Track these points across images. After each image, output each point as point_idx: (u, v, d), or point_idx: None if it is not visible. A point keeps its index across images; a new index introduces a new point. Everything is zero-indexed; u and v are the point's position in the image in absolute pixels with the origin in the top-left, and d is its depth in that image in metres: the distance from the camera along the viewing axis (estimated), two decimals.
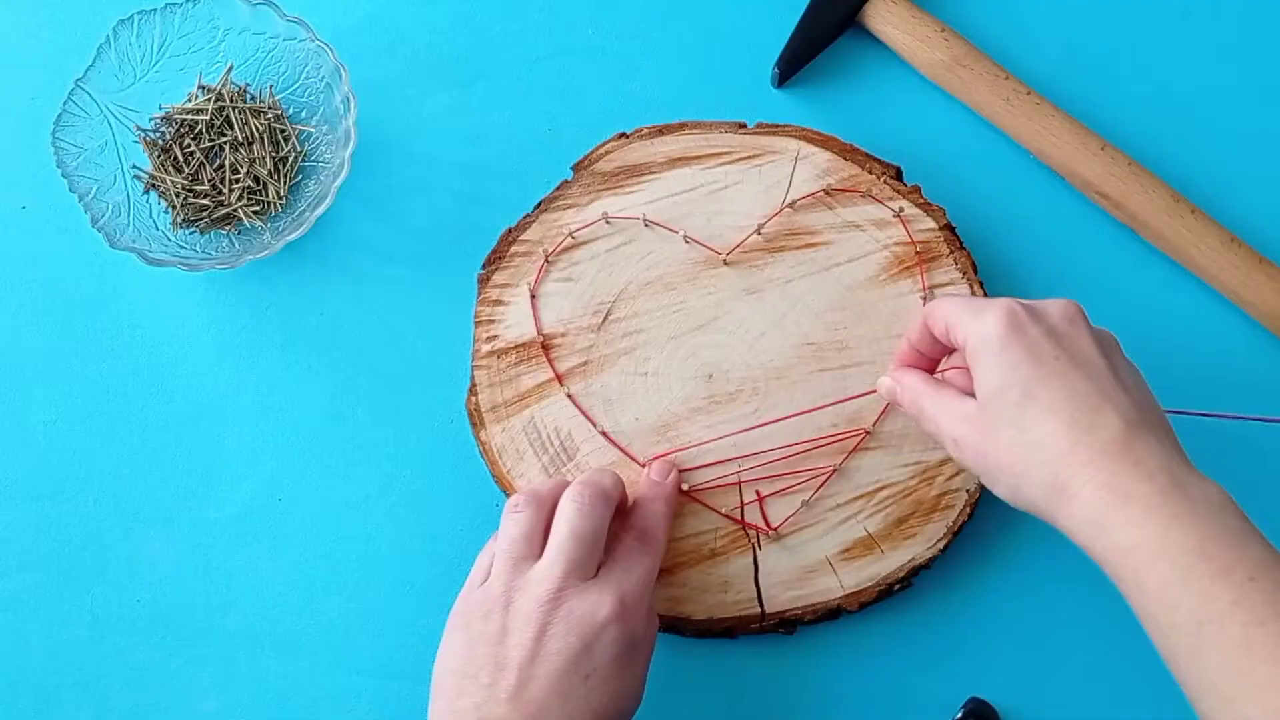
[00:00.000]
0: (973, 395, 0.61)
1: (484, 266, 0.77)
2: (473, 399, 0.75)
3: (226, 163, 0.79)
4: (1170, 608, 0.53)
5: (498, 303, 0.76)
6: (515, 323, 0.76)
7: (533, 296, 0.76)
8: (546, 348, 0.76)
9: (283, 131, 0.80)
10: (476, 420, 0.75)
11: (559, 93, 0.83)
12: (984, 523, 0.75)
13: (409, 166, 0.82)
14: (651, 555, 0.67)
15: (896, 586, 0.73)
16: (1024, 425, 0.58)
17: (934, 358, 0.69)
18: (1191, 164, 0.80)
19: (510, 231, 0.77)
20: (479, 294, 0.77)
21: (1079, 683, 0.74)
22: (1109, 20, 0.83)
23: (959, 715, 0.73)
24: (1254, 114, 0.81)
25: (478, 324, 0.76)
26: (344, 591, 0.77)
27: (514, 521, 0.66)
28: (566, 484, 0.68)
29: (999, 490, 0.61)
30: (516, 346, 0.76)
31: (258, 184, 0.79)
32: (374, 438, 0.78)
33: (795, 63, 0.81)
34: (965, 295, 0.74)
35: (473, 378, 0.76)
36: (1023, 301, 0.62)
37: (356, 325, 0.80)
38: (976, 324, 0.61)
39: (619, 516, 0.69)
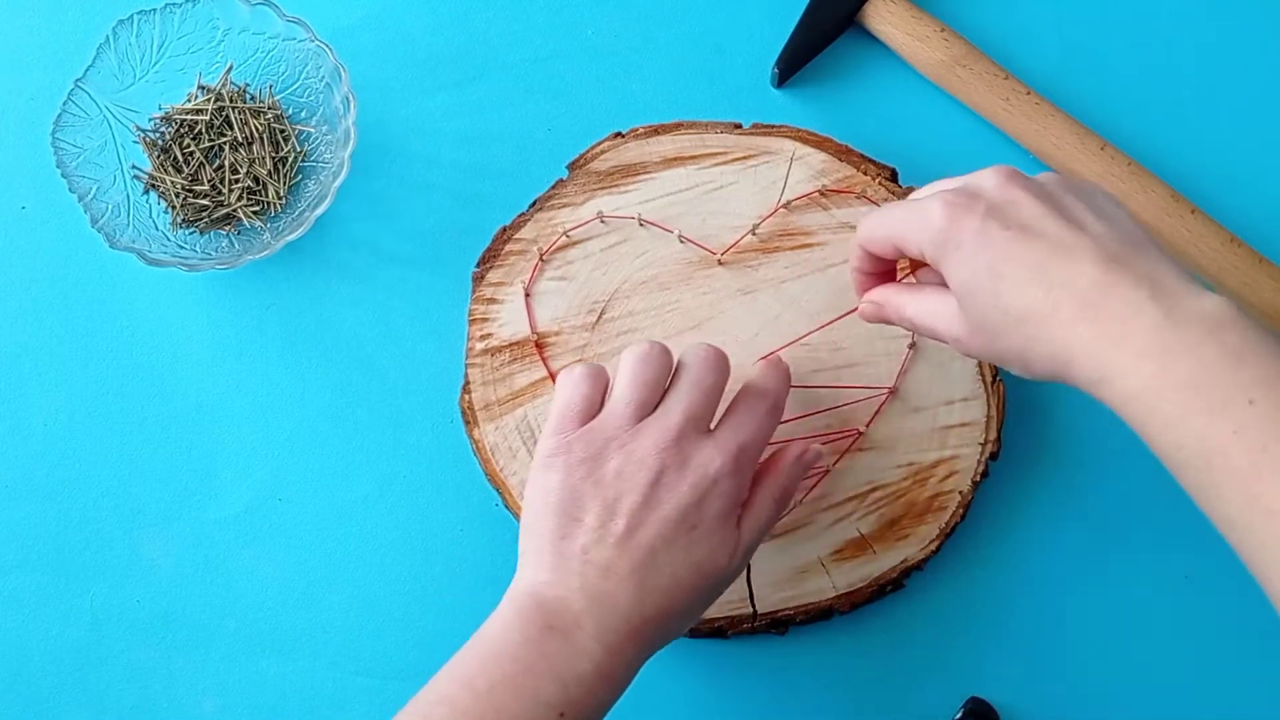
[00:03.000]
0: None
1: (478, 264, 0.77)
2: (466, 397, 0.75)
3: (226, 163, 0.79)
4: (1177, 447, 0.52)
5: (492, 301, 0.76)
6: (509, 321, 0.76)
7: (527, 295, 0.76)
8: (540, 346, 0.76)
9: (282, 131, 0.80)
10: (469, 418, 0.75)
11: (558, 93, 0.83)
12: (976, 524, 0.74)
13: (408, 166, 0.82)
14: (768, 415, 0.66)
15: (889, 587, 0.73)
16: (1004, 307, 0.56)
17: (889, 269, 0.67)
18: (1191, 164, 0.79)
19: (505, 230, 0.77)
20: (473, 292, 0.77)
21: (1073, 684, 0.74)
22: (1109, 20, 0.83)
23: (959, 715, 0.73)
24: (1254, 114, 0.81)
25: (472, 322, 0.76)
26: (344, 591, 0.77)
27: (645, 366, 0.65)
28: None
29: (1016, 372, 0.59)
30: (510, 345, 0.76)
31: (257, 184, 0.79)
32: (374, 437, 0.78)
33: (795, 63, 0.81)
34: (885, 205, 0.67)
35: (466, 375, 0.76)
36: (952, 183, 0.60)
37: (356, 325, 0.80)
38: (921, 229, 0.59)
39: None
